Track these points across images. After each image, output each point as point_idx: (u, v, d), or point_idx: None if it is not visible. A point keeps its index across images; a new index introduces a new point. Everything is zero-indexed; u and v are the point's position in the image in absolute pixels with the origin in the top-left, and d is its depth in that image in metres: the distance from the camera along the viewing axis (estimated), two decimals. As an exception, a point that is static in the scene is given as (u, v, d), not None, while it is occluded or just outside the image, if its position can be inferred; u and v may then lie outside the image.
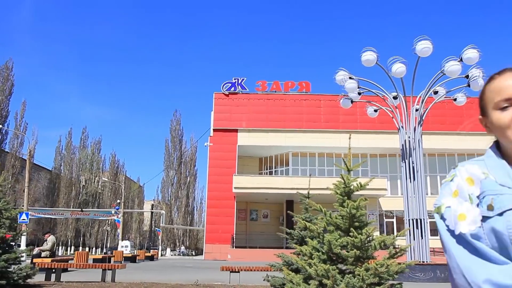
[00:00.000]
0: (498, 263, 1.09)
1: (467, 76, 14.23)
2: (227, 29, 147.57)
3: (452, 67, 13.64)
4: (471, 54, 13.64)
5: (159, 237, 54.26)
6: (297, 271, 6.51)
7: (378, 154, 36.45)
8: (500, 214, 1.13)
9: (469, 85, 14.37)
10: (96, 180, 61.76)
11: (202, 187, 72.84)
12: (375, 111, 17.03)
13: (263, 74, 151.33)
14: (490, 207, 1.15)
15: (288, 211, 10.41)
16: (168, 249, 57.03)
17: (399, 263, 5.07)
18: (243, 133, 35.97)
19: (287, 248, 14.69)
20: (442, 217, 1.22)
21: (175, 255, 55.52)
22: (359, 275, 4.84)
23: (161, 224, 53.05)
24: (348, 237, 5.17)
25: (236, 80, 36.83)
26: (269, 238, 32.61)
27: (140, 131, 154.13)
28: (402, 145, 15.31)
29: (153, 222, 61.54)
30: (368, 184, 5.58)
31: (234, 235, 34.11)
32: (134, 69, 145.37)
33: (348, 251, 5.15)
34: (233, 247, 33.36)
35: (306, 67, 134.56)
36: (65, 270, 12.64)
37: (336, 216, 5.38)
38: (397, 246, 5.33)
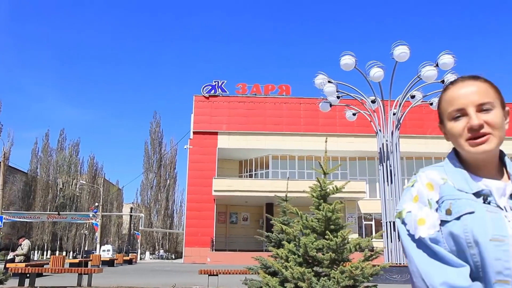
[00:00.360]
0: (455, 266, 1.11)
1: (443, 81, 14.47)
2: (208, 32, 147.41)
3: (428, 72, 13.85)
4: (446, 59, 13.87)
5: (138, 241, 53.72)
6: (274, 274, 6.51)
7: (357, 157, 36.82)
8: (458, 218, 1.15)
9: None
10: (73, 183, 60.87)
11: (182, 190, 72.44)
12: (354, 114, 17.18)
13: (243, 77, 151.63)
14: (448, 212, 1.18)
15: (267, 214, 10.42)
16: (147, 253, 56.56)
17: (374, 266, 5.12)
18: (223, 136, 35.93)
19: (266, 251, 14.72)
20: (403, 222, 1.24)
21: (154, 258, 55.08)
22: (334, 277, 4.87)
23: (140, 227, 52.55)
24: (323, 240, 5.20)
25: (216, 82, 36.79)
26: (249, 241, 32.58)
27: (120, 133, 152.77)
28: (380, 148, 15.47)
29: (132, 225, 60.89)
30: (343, 187, 5.62)
31: (214, 238, 34.00)
32: (113, 71, 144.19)
33: (323, 254, 5.18)
34: (212, 250, 33.23)
35: (286, 70, 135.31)
36: (40, 275, 12.43)
37: (312, 219, 5.41)
38: (374, 248, 5.38)
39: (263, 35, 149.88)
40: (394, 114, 15.11)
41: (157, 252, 60.69)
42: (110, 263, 25.96)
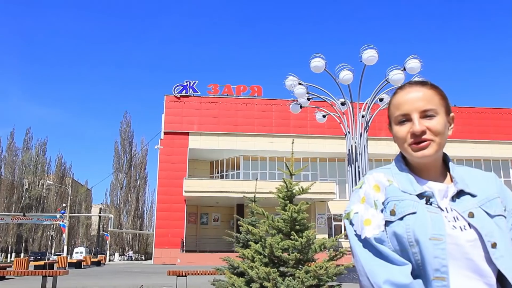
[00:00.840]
0: (399, 264, 1.15)
1: (410, 85, 14.75)
2: (180, 33, 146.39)
3: (396, 76, 14.12)
4: (413, 64, 14.16)
5: (107, 242, 52.87)
6: (242, 274, 6.54)
7: (327, 158, 37.18)
8: (401, 219, 1.20)
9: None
10: (40, 183, 59.44)
11: (152, 191, 71.75)
12: (324, 116, 17.36)
13: (215, 78, 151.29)
14: (392, 212, 1.22)
15: (235, 215, 10.43)
16: (117, 254, 55.72)
17: (338, 266, 5.20)
18: (194, 137, 35.75)
19: (235, 251, 14.72)
20: (350, 223, 1.28)
21: (124, 260, 54.32)
22: (299, 277, 4.92)
23: (109, 229, 51.74)
24: (289, 240, 5.25)
25: (188, 83, 36.58)
26: (219, 242, 32.38)
27: (89, 133, 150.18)
28: (349, 150, 15.69)
29: (101, 226, 59.90)
30: (310, 188, 5.69)
31: (184, 239, 33.80)
32: (82, 71, 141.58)
33: (289, 254, 5.23)
34: (183, 251, 33.05)
35: (258, 71, 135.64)
36: (2, 278, 12.10)
37: (278, 219, 5.46)
38: (339, 249, 5.47)
39: (235, 36, 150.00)
40: (363, 116, 15.35)
41: (126, 253, 59.87)
42: (77, 265, 25.46)
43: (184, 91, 36.35)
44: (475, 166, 39.49)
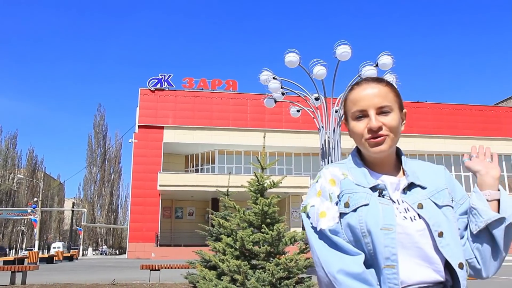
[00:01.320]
0: (352, 254, 1.21)
1: (382, 81, 14.94)
2: (154, 26, 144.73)
3: (368, 72, 14.26)
4: (385, 60, 14.32)
5: (81, 237, 52.18)
6: (215, 267, 6.59)
7: (302, 153, 37.42)
8: (355, 210, 1.25)
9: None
10: (10, 177, 58.12)
11: (127, 185, 70.97)
12: (298, 111, 17.46)
13: (190, 72, 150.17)
14: (346, 205, 1.28)
15: (207, 209, 10.47)
16: (90, 249, 55.04)
17: (308, 258, 5.30)
18: (169, 130, 35.49)
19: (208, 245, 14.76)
20: (307, 215, 1.33)
21: (97, 254, 53.71)
22: (269, 270, 5.00)
23: (82, 223, 51.05)
24: (260, 233, 5.32)
25: (163, 76, 36.21)
26: (194, 236, 32.34)
27: (62, 126, 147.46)
28: (322, 144, 15.82)
29: (74, 221, 59.02)
30: (281, 182, 5.76)
31: (159, 233, 33.63)
32: (54, 65, 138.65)
33: (260, 247, 5.30)
34: (157, 246, 32.88)
35: (233, 66, 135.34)
36: (-30, 273, 11.86)
37: (249, 213, 5.52)
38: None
39: (211, 31, 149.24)
40: (336, 111, 15.50)
41: (100, 248, 59.21)
42: (48, 260, 25.07)
43: (159, 84, 35.99)
44: (445, 161, 40.31)
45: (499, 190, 1.33)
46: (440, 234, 1.22)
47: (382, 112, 1.31)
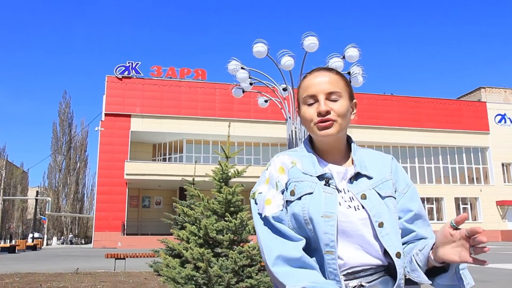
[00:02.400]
0: (294, 240, 1.26)
1: (349, 73, 15.19)
2: (122, 12, 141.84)
3: (335, 63, 14.41)
4: (352, 52, 14.49)
5: (45, 226, 51.11)
6: (179, 256, 6.64)
7: (270, 143, 37.62)
8: (299, 198, 1.30)
9: (350, 81, 15.34)
10: (-30, 165, 56.23)
11: (93, 174, 69.75)
12: (266, 101, 17.55)
13: (158, 60, 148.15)
14: (292, 193, 1.32)
15: (174, 198, 10.48)
16: (55, 238, 54.03)
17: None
18: (136, 119, 35.03)
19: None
20: (255, 202, 1.38)
21: (62, 244, 52.77)
22: (232, 257, 5.09)
23: (47, 212, 50.01)
24: (223, 221, 5.40)
25: (130, 64, 35.60)
26: (161, 225, 32.25)
27: (26, 114, 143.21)
28: (289, 135, 15.97)
29: (38, 210, 57.70)
30: (245, 171, 5.84)
31: (126, 223, 33.32)
32: (18, 51, 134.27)
33: (223, 235, 5.38)
34: (124, 235, 32.59)
35: (202, 55, 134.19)
36: None
37: (213, 201, 5.59)
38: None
39: (179, 19, 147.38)
40: (303, 102, 15.63)
41: (65, 237, 58.13)
42: (10, 249, 24.51)
43: (126, 72, 35.38)
44: (409, 153, 41.23)
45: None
46: (381, 225, 1.27)
47: (332, 98, 1.35)
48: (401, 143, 39.14)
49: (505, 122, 41.97)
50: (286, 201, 1.33)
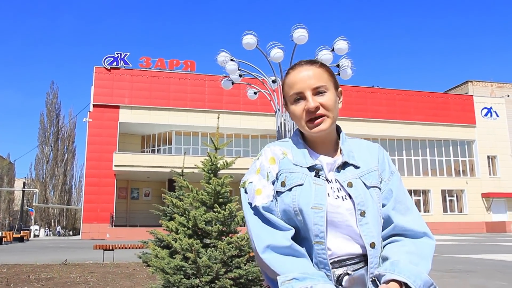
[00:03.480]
0: (283, 229, 1.29)
1: (338, 65, 15.24)
2: (111, 2, 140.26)
3: (324, 56, 14.44)
4: (341, 45, 14.52)
5: (32, 218, 50.77)
6: (168, 247, 6.67)
7: (259, 135, 37.66)
8: (290, 190, 1.33)
9: (339, 74, 15.42)
10: (-45, 156, 55.58)
11: (81, 165, 69.27)
12: (255, 93, 17.56)
13: (147, 51, 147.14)
14: (283, 184, 1.35)
15: (163, 189, 10.50)
16: (42, 230, 53.70)
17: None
18: (125, 110, 34.81)
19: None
20: (245, 191, 1.40)
21: (50, 235, 52.48)
22: (221, 248, 5.13)
23: (34, 204, 49.64)
24: (212, 212, 5.44)
25: (119, 54, 35.30)
26: (150, 217, 32.15)
27: (12, 105, 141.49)
28: (278, 127, 16.01)
29: (25, 201, 57.25)
30: (234, 162, 5.87)
31: (114, 214, 33.24)
32: (3, 41, 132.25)
33: (212, 226, 5.42)
34: (112, 226, 32.52)
35: (191, 46, 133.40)
36: None
37: (202, 192, 5.61)
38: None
39: (169, 11, 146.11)
40: (292, 94, 15.67)
41: (53, 228, 57.80)
42: (-3, 241, 24.34)
43: (115, 63, 35.09)
44: (397, 145, 41.54)
45: None
46: (362, 214, 1.30)
47: (318, 92, 1.36)
48: (389, 136, 39.41)
49: (491, 115, 42.44)
50: (277, 191, 1.35)
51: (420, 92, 41.59)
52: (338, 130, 1.46)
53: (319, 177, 1.34)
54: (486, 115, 42.31)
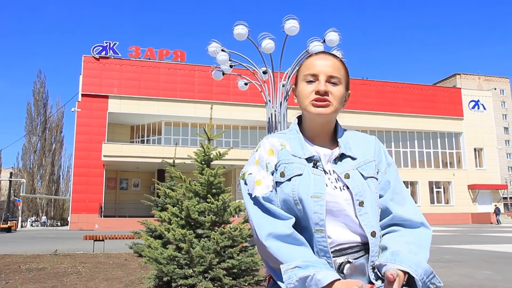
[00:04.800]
0: (283, 218, 1.32)
1: (329, 57, 15.23)
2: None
3: (316, 47, 14.46)
4: (332, 36, 14.55)
5: (19, 208, 50.36)
6: (160, 237, 6.68)
7: (249, 126, 37.66)
8: (289, 180, 1.36)
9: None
10: None
11: (70, 155, 68.79)
12: (246, 84, 17.53)
13: (137, 40, 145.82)
14: (282, 174, 1.38)
15: (153, 179, 10.49)
16: (30, 220, 53.39)
17: (252, 227, 5.49)
18: (114, 100, 34.56)
19: (154, 216, 14.76)
20: (245, 183, 1.43)
21: (37, 226, 52.19)
22: (214, 238, 5.16)
23: (21, 194, 49.25)
24: (205, 203, 5.46)
25: (108, 44, 34.95)
26: (139, 207, 32.20)
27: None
28: (269, 118, 16.03)
29: (12, 191, 56.73)
30: (227, 153, 5.89)
31: (103, 204, 33.12)
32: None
33: (205, 217, 5.44)
34: (101, 217, 32.43)
35: (181, 36, 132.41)
36: None
37: (195, 183, 5.63)
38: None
39: (158, 0, 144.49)
40: (283, 85, 15.70)
41: (40, 219, 57.47)
42: (-16, 231, 24.17)
43: (104, 52, 34.75)
44: (385, 137, 41.84)
45: None
46: (361, 204, 1.34)
47: (332, 81, 1.40)
48: (378, 128, 39.66)
49: (478, 108, 42.89)
50: (276, 182, 1.38)
51: (409, 84, 41.85)
52: (336, 124, 1.50)
53: (317, 168, 1.38)
54: (473, 107, 42.74)
